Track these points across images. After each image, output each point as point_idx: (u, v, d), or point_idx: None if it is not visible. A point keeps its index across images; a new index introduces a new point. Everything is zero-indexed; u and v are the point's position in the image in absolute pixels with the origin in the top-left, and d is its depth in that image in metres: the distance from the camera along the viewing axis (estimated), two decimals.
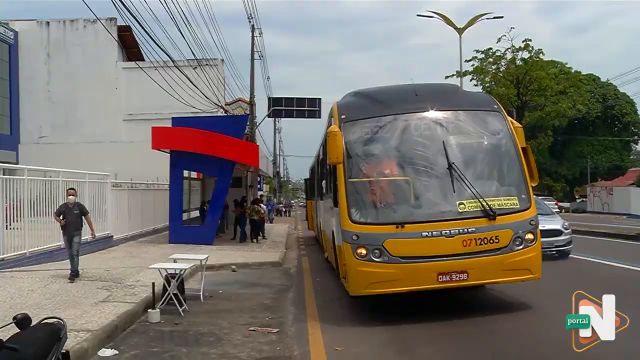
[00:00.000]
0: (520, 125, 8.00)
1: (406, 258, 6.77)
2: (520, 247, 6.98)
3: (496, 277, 7.08)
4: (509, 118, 7.88)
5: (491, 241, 6.84)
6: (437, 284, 6.83)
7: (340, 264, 8.02)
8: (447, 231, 6.79)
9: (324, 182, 11.52)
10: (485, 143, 7.70)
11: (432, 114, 7.70)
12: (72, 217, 9.61)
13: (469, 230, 6.80)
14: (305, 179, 24.75)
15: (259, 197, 25.95)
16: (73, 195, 9.85)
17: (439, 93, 8.68)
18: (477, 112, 7.87)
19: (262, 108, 36.82)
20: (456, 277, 6.80)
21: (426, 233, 6.76)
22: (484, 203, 6.91)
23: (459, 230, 6.80)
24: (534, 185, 7.42)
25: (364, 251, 6.84)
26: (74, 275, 9.37)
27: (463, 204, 6.96)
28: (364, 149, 7.55)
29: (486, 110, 7.89)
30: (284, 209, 52.72)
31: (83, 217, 9.84)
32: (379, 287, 6.85)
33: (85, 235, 13.67)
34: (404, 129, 7.56)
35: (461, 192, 7.03)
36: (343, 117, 7.79)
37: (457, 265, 6.78)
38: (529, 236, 7.04)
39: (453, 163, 7.14)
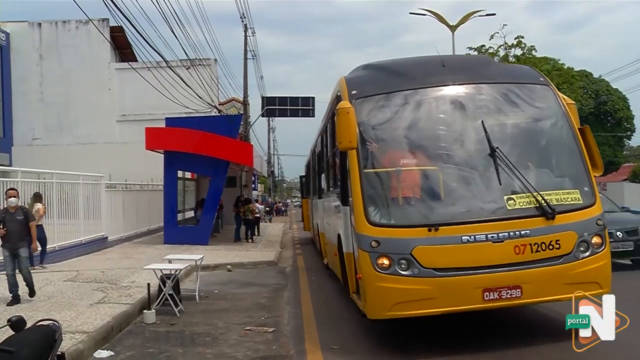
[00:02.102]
0: (573, 102, 6.48)
1: (442, 270, 5.28)
2: (587, 253, 5.48)
3: (557, 294, 5.37)
4: (560, 93, 6.36)
5: (550, 247, 5.38)
6: (483, 304, 5.34)
7: (351, 276, 6.53)
8: (495, 234, 5.32)
9: (323, 176, 10.60)
10: (535, 123, 6.24)
11: (466, 88, 6.20)
12: (14, 225, 7.74)
13: (522, 233, 5.34)
14: (300, 176, 23.24)
15: (249, 197, 25.80)
16: (14, 196, 7.95)
17: (472, 64, 7.35)
18: (521, 86, 6.29)
19: (255, 107, 36.86)
20: (507, 294, 5.30)
21: (467, 237, 5.29)
22: (540, 198, 5.45)
23: (508, 233, 5.33)
24: (597, 175, 5.89)
25: (387, 261, 5.34)
26: (15, 299, 7.59)
27: (512, 199, 5.51)
28: (383, 132, 6.03)
29: (531, 83, 6.35)
30: (283, 208, 54.07)
31: (29, 224, 7.96)
32: (407, 308, 5.33)
33: (81, 237, 13.74)
34: (433, 106, 6.10)
35: (509, 185, 5.58)
36: (354, 92, 6.19)
37: (508, 278, 5.29)
38: (596, 240, 5.54)
39: (497, 148, 5.66)
